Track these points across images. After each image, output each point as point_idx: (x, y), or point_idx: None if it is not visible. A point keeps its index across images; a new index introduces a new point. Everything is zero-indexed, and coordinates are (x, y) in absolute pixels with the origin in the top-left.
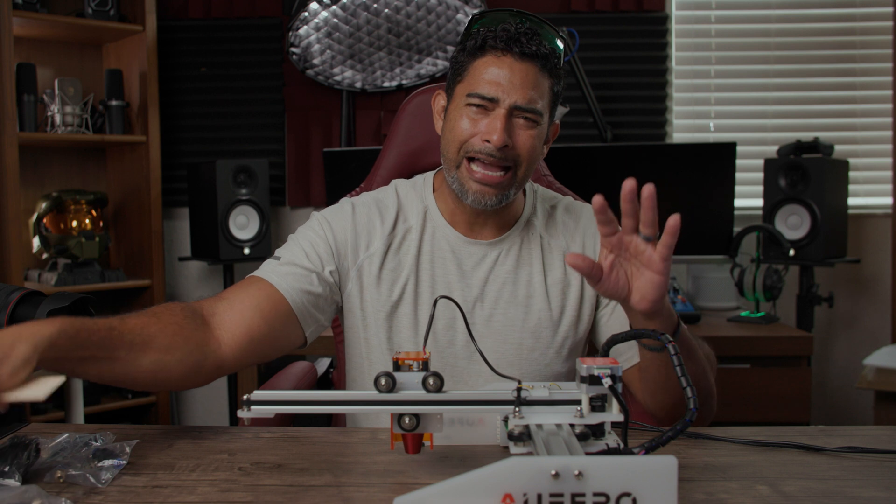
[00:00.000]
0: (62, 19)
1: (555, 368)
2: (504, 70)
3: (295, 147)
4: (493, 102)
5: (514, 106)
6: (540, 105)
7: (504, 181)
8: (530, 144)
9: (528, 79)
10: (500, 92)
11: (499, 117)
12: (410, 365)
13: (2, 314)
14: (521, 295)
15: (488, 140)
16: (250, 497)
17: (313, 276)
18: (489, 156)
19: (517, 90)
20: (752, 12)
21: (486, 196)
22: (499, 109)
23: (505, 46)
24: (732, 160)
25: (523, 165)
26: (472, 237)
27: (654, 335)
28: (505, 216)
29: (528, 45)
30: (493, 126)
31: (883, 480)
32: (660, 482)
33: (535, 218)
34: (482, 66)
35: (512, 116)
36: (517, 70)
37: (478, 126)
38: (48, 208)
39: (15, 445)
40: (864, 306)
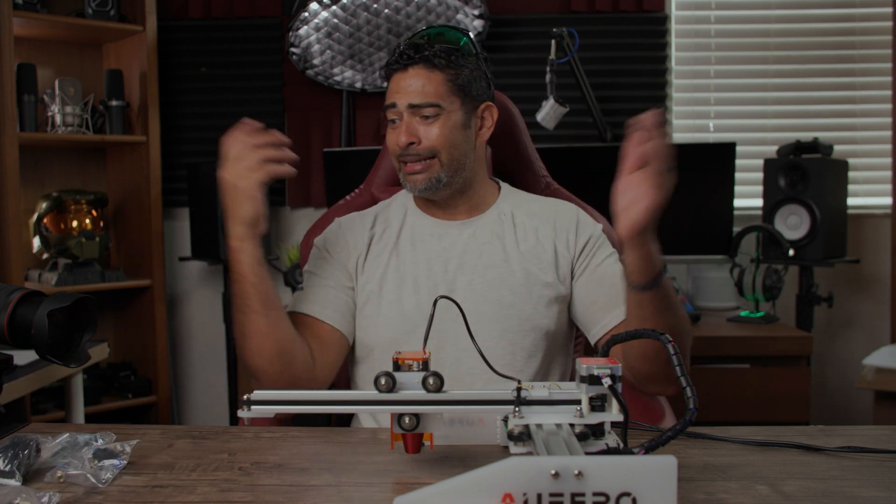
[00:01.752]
0: (62, 19)
1: (536, 322)
2: (398, 81)
3: (295, 147)
4: (394, 108)
5: (409, 105)
6: (434, 99)
7: (426, 167)
8: (437, 134)
9: (416, 81)
10: (396, 98)
11: (402, 122)
12: (410, 365)
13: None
14: (497, 259)
15: (398, 144)
16: (250, 497)
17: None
18: (406, 155)
19: (408, 93)
20: (752, 12)
21: (417, 183)
22: (402, 115)
23: (395, 62)
24: (732, 160)
25: (442, 151)
26: (449, 220)
27: (654, 335)
28: (472, 203)
29: (408, 57)
30: (397, 131)
31: (883, 480)
32: (660, 482)
33: (506, 206)
34: (389, 86)
35: (414, 116)
36: (405, 77)
37: (394, 134)
38: (48, 208)
39: (15, 445)
40: (864, 306)
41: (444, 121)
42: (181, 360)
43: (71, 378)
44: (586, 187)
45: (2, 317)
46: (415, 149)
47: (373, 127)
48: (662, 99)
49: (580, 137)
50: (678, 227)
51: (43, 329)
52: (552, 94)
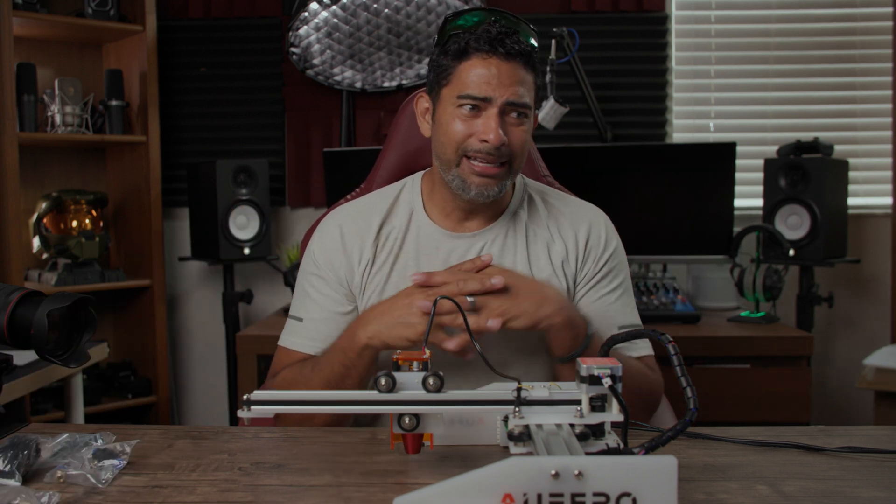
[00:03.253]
0: (62, 19)
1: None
2: (492, 70)
3: (295, 147)
4: (485, 102)
5: (507, 102)
6: (528, 99)
7: (501, 173)
8: (523, 139)
9: (515, 76)
10: (490, 91)
11: (492, 117)
12: (410, 365)
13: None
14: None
15: (485, 140)
16: (250, 497)
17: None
18: (488, 154)
19: (507, 88)
20: (752, 12)
21: (489, 188)
22: (491, 109)
23: (490, 48)
24: (732, 160)
25: (518, 158)
26: (460, 231)
27: (654, 335)
28: (494, 207)
29: (511, 45)
30: (488, 126)
31: (883, 480)
32: (660, 482)
33: (522, 210)
34: (468, 68)
35: (504, 114)
36: (504, 69)
37: (472, 127)
38: (48, 208)
39: (15, 445)
40: (864, 306)
41: (528, 125)
42: (181, 360)
43: (71, 378)
44: (586, 187)
45: (1, 317)
46: (499, 150)
47: (373, 127)
48: (662, 99)
49: (580, 137)
50: (678, 227)
51: (43, 329)
52: (552, 94)
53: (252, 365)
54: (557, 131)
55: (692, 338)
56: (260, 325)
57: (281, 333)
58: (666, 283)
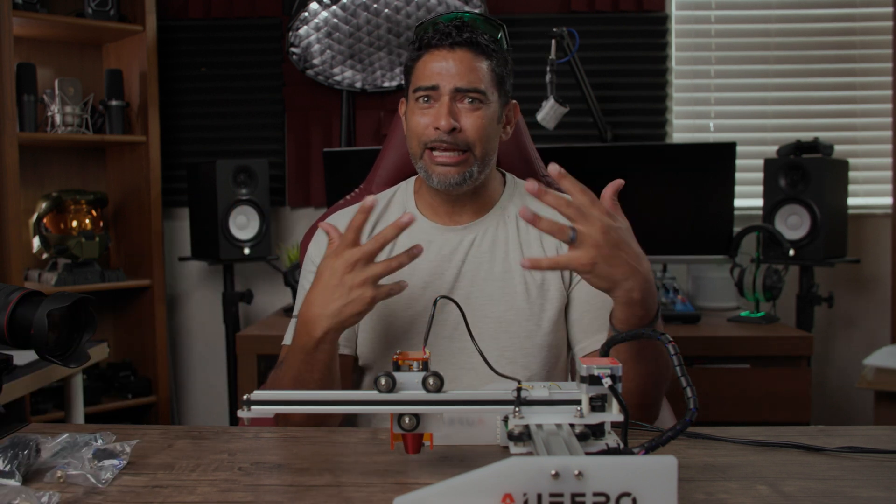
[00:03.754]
0: (62, 19)
1: (537, 340)
2: (440, 61)
3: (295, 147)
4: (434, 90)
5: (455, 88)
6: (482, 85)
7: (462, 159)
8: (479, 124)
9: (463, 63)
10: (439, 80)
11: (443, 104)
12: (410, 365)
13: (2, 314)
14: (497, 271)
15: (437, 126)
16: (250, 497)
17: None
18: (443, 142)
19: (454, 75)
20: (752, 12)
21: (449, 175)
22: (443, 97)
23: (438, 41)
24: (732, 160)
25: (478, 145)
26: (451, 224)
27: (654, 335)
28: (481, 201)
29: (457, 36)
30: (438, 112)
31: (883, 480)
32: (660, 482)
33: (512, 204)
34: (422, 63)
35: (456, 101)
36: (451, 58)
37: (427, 117)
38: (48, 208)
39: (15, 445)
40: (864, 306)
41: (484, 111)
42: (181, 360)
43: (71, 378)
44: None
45: (1, 317)
46: (455, 136)
47: (373, 127)
48: (662, 99)
49: (580, 137)
50: (678, 227)
51: (42, 329)
52: (552, 94)
53: (252, 365)
54: (557, 131)
55: (692, 338)
56: (260, 325)
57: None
58: (666, 283)
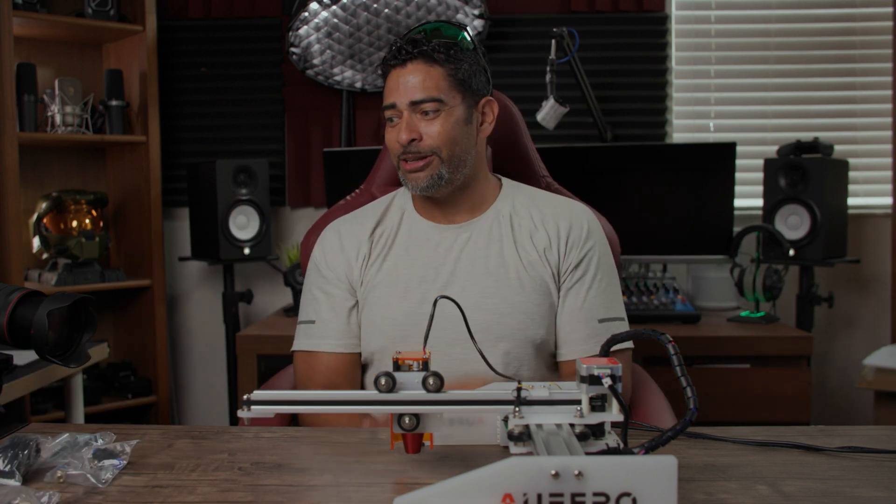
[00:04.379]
0: (62, 19)
1: (530, 333)
2: (396, 79)
3: (295, 147)
4: (394, 109)
5: (410, 102)
6: (437, 93)
7: (426, 164)
8: (438, 130)
9: (415, 77)
10: (395, 97)
11: (403, 120)
12: (410, 365)
13: (2, 314)
14: (492, 266)
15: (399, 142)
16: (250, 497)
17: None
18: (408, 153)
19: (409, 89)
20: (752, 12)
21: (419, 181)
22: (403, 113)
23: (393, 59)
24: (732, 160)
25: (442, 149)
26: (446, 223)
27: (654, 335)
28: (472, 202)
29: (406, 52)
30: (398, 129)
31: (883, 480)
32: (660, 482)
33: (506, 204)
34: (386, 84)
35: (415, 113)
36: (405, 73)
37: (394, 132)
38: (48, 208)
39: (15, 445)
40: (864, 306)
41: (445, 116)
42: (181, 360)
43: (71, 378)
44: (586, 187)
45: (2, 317)
46: (416, 146)
47: (373, 127)
48: (662, 99)
49: (580, 137)
50: (678, 227)
51: (43, 329)
52: (552, 94)
53: (252, 365)
54: (557, 131)
55: (692, 338)
56: (260, 325)
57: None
58: (666, 283)
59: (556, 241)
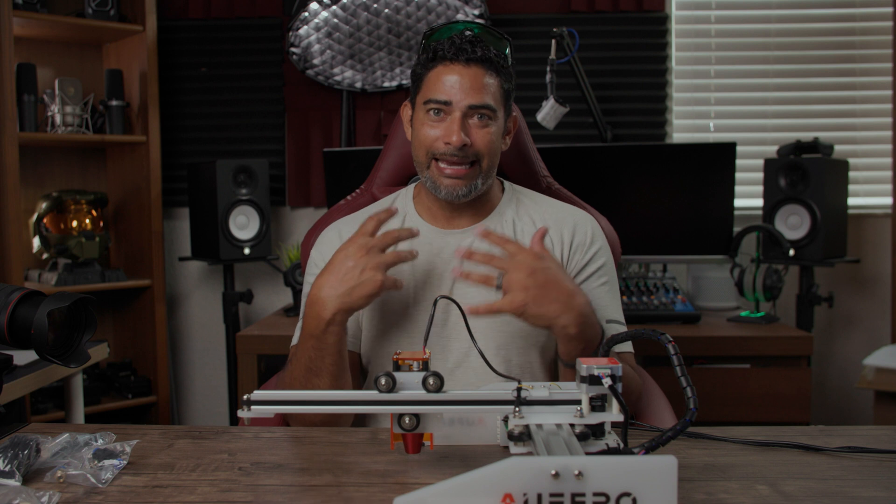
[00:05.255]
0: (62, 19)
1: (531, 339)
2: (454, 76)
3: (295, 147)
4: (447, 106)
5: (468, 106)
6: (492, 102)
7: (470, 173)
8: (488, 140)
9: (476, 81)
10: (452, 95)
11: (455, 120)
12: (410, 365)
13: (2, 314)
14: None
15: (448, 142)
16: (250, 497)
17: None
18: (452, 155)
19: (468, 92)
20: (752, 12)
21: (457, 188)
22: (454, 112)
23: (453, 55)
24: (732, 160)
25: (485, 159)
26: (449, 228)
27: (654, 335)
28: (479, 207)
29: (472, 52)
30: (450, 129)
31: (883, 480)
32: (660, 482)
33: (510, 209)
34: (435, 75)
35: (467, 117)
36: (465, 74)
37: (438, 130)
38: (48, 208)
39: (15, 445)
40: (864, 306)
41: (493, 126)
42: (181, 360)
43: (71, 378)
44: (586, 187)
45: (2, 317)
46: (465, 151)
47: (373, 127)
48: (662, 99)
49: (580, 137)
50: (678, 227)
51: (43, 329)
52: (552, 94)
53: (252, 365)
54: (557, 131)
55: (692, 338)
56: (260, 325)
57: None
58: (666, 283)
59: (560, 246)
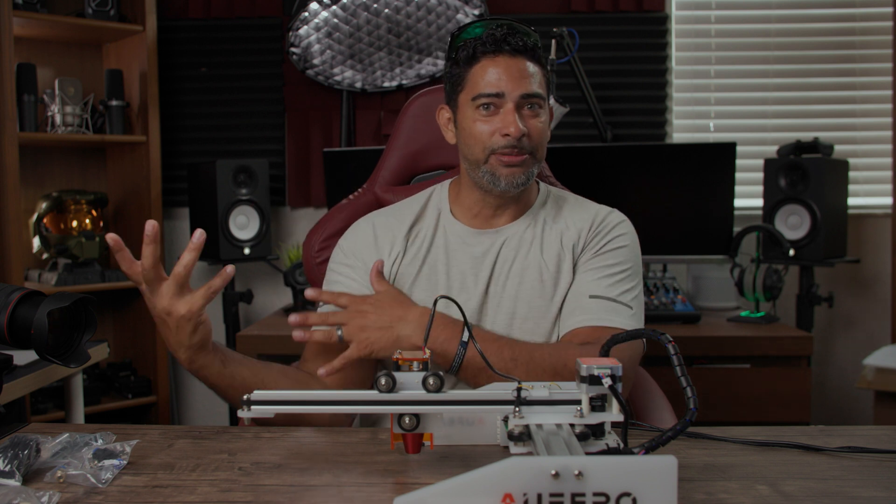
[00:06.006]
0: (62, 19)
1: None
2: (501, 68)
3: (295, 147)
4: (499, 98)
5: (521, 95)
6: (540, 90)
7: (524, 162)
8: (541, 129)
9: (523, 70)
10: (503, 87)
11: (509, 111)
12: (410, 365)
13: (2, 314)
14: (518, 267)
15: (507, 133)
16: (250, 497)
17: None
18: (512, 147)
19: (517, 82)
20: (752, 12)
21: (516, 176)
22: (507, 104)
23: (496, 48)
24: (732, 160)
25: (539, 148)
26: (485, 228)
27: (654, 335)
28: (519, 205)
29: (515, 42)
30: (507, 120)
31: (883, 480)
32: (660, 482)
33: (543, 209)
34: (479, 70)
35: (519, 107)
36: (512, 65)
37: (492, 124)
38: (48, 208)
39: (15, 445)
40: (864, 306)
41: (543, 116)
42: None
43: (71, 378)
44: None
45: (2, 317)
46: (522, 141)
47: (373, 127)
48: (662, 99)
49: (580, 137)
50: (678, 227)
51: (43, 329)
52: (552, 94)
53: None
54: (557, 131)
55: (692, 338)
56: (260, 325)
57: None
58: (666, 283)
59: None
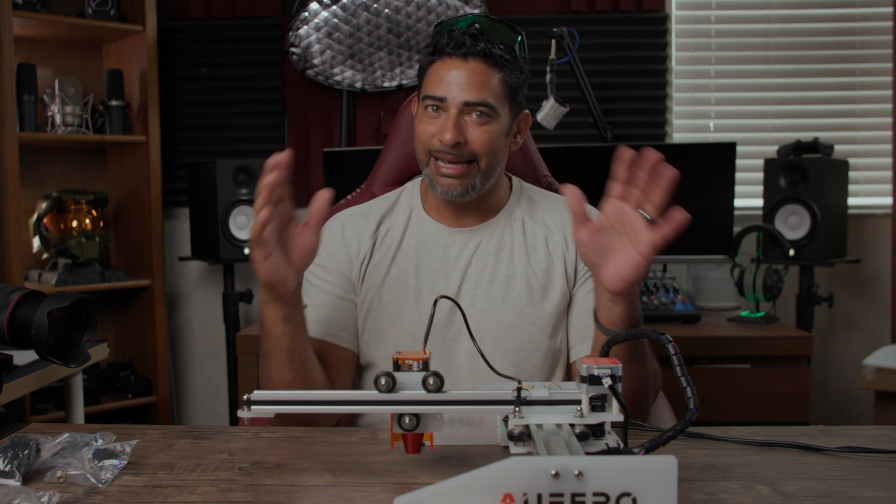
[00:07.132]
0: (62, 19)
1: (539, 343)
2: (451, 71)
3: (295, 147)
4: (443, 102)
5: (464, 102)
6: (491, 99)
7: (465, 172)
8: (485, 139)
9: (474, 76)
10: (448, 91)
11: (450, 117)
12: (410, 365)
13: (2, 314)
14: (501, 275)
15: (441, 139)
16: (250, 497)
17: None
18: (447, 154)
19: (463, 88)
20: (752, 12)
21: (452, 187)
22: (450, 109)
23: (452, 49)
24: (732, 160)
25: (483, 158)
26: (457, 227)
27: (654, 335)
28: (488, 205)
29: (471, 46)
30: (444, 126)
31: (883, 480)
32: (660, 482)
33: (518, 208)
34: (434, 70)
35: (463, 114)
36: (463, 69)
37: (435, 126)
38: (48, 208)
39: (15, 445)
40: (864, 306)
41: (493, 125)
42: (181, 360)
43: (71, 378)
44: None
45: (2, 317)
46: (460, 149)
47: (373, 127)
48: (662, 99)
49: (580, 137)
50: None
51: (43, 329)
52: (552, 94)
53: (252, 365)
54: (557, 131)
55: (692, 338)
56: (260, 325)
57: None
58: (666, 283)
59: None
